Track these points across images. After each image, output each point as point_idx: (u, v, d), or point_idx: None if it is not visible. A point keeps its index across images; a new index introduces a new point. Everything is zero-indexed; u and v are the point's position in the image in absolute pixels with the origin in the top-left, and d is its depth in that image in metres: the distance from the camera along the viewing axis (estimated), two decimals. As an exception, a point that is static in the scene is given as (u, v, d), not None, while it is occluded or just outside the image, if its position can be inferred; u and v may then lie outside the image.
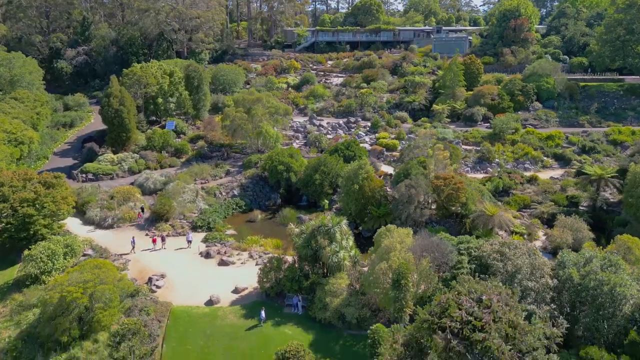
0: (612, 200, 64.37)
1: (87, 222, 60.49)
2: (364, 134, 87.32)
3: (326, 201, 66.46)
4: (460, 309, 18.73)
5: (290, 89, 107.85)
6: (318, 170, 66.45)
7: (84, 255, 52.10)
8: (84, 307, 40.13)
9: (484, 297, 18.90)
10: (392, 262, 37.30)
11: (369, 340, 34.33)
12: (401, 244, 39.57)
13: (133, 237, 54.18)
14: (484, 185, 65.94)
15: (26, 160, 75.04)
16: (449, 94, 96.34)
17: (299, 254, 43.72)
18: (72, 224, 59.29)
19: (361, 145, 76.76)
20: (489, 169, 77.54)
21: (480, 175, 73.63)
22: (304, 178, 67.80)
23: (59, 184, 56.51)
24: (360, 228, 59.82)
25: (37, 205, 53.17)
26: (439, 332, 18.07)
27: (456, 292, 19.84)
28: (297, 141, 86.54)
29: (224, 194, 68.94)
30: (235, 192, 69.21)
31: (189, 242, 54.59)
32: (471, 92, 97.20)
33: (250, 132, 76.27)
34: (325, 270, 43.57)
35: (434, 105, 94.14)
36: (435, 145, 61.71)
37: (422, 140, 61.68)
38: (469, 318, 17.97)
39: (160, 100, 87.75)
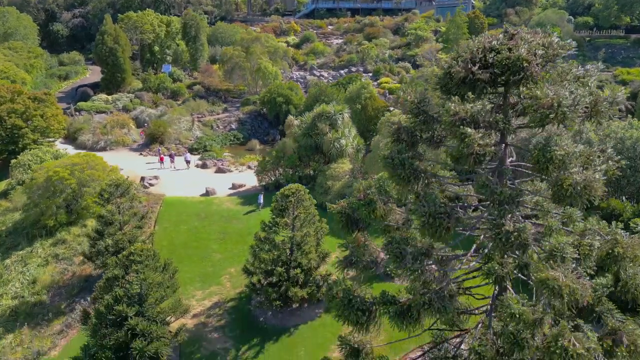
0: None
1: (79, 147, 58.10)
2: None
3: (327, 131, 64.11)
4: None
5: (290, 47, 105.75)
6: (319, 100, 64.05)
7: (74, 165, 49.74)
8: (72, 192, 37.80)
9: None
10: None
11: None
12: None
13: None
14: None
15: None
16: (452, 47, 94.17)
17: (299, 143, 41.35)
18: (63, 149, 57.02)
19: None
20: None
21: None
22: (304, 110, 65.41)
23: (50, 101, 54.34)
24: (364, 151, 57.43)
25: (25, 118, 51.04)
26: (459, 62, 15.58)
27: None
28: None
29: (221, 127, 66.73)
30: (233, 126, 67.00)
31: (187, 162, 51.84)
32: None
33: (248, 71, 74.03)
34: (326, 160, 41.18)
35: (437, 56, 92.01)
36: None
37: (427, 55, 59.39)
38: (492, 45, 15.53)
39: (156, 48, 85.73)
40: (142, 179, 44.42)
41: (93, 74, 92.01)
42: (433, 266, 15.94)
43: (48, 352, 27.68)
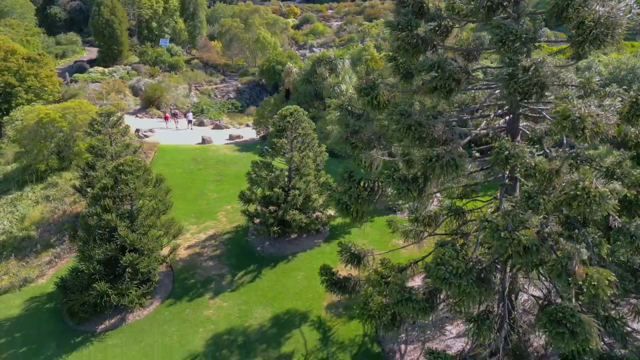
0: None
1: (74, 111, 56.95)
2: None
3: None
4: None
5: (289, 29, 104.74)
6: (320, 65, 62.97)
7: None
8: (64, 137, 36.65)
9: None
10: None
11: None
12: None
13: None
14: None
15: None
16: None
17: (298, 90, 40.18)
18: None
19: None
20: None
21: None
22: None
23: (44, 62, 53.23)
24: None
25: (19, 78, 49.98)
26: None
27: None
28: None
29: (219, 96, 65.65)
30: (231, 96, 65.89)
31: (190, 122, 49.93)
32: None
33: (246, 43, 72.96)
34: (326, 106, 40.00)
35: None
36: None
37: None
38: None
39: (154, 25, 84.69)
40: (137, 130, 43.32)
41: (90, 54, 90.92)
42: (440, 127, 14.74)
43: (36, 280, 26.48)
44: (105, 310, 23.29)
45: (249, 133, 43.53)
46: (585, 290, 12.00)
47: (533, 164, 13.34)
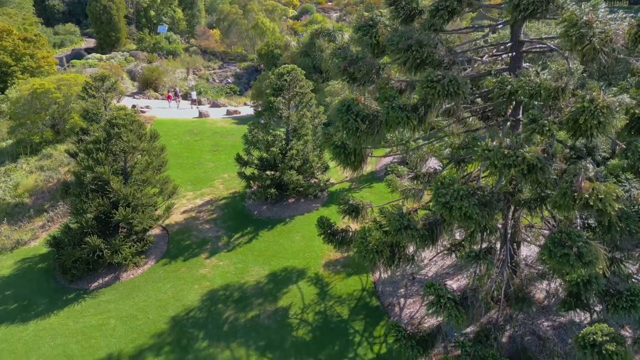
0: None
1: (71, 94, 56.45)
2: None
3: (327, 83, 62.56)
4: None
5: (288, 20, 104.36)
6: (318, 37, 62.54)
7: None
8: (58, 109, 36.17)
9: None
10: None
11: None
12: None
13: None
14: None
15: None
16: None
17: (296, 63, 39.65)
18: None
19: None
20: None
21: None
22: (303, 61, 63.93)
23: (40, 43, 52.76)
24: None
25: (15, 57, 49.48)
26: None
27: None
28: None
29: (217, 80, 65.18)
30: (230, 80, 65.40)
31: (193, 100, 49.20)
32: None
33: (245, 29, 72.50)
34: (324, 79, 39.54)
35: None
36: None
37: None
38: None
39: (152, 13, 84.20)
40: (134, 106, 42.84)
41: (88, 44, 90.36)
42: (442, 48, 14.23)
43: (28, 242, 25.99)
44: (98, 269, 22.86)
45: (247, 110, 43.08)
46: (592, 204, 11.49)
47: (538, 82, 12.84)
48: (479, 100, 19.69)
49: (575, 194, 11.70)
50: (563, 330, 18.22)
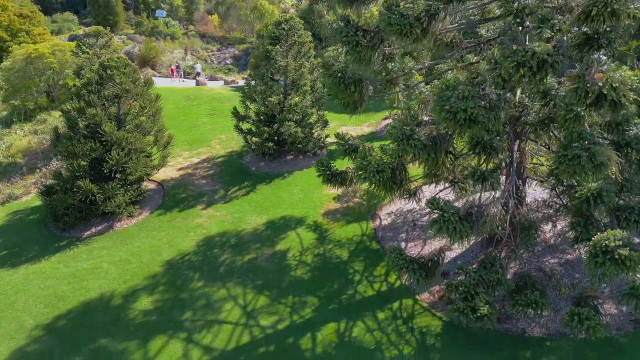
0: None
1: (68, 73, 55.84)
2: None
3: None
4: None
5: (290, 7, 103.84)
6: (318, 2, 61.95)
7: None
8: (53, 75, 35.53)
9: None
10: None
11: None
12: None
13: None
14: None
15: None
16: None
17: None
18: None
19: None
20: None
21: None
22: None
23: (37, 19, 52.16)
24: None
25: (10, 33, 48.86)
26: None
27: None
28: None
29: (215, 62, 64.60)
30: (228, 62, 64.82)
31: (198, 74, 48.23)
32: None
33: (244, 12, 71.91)
34: (323, 46, 38.97)
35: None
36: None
37: None
38: None
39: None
40: (130, 77, 42.16)
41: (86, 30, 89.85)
42: None
43: (20, 197, 25.38)
44: (91, 218, 22.26)
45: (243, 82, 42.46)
46: (605, 93, 10.88)
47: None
48: (482, 32, 19.16)
49: (588, 85, 11.11)
50: (570, 266, 17.60)
